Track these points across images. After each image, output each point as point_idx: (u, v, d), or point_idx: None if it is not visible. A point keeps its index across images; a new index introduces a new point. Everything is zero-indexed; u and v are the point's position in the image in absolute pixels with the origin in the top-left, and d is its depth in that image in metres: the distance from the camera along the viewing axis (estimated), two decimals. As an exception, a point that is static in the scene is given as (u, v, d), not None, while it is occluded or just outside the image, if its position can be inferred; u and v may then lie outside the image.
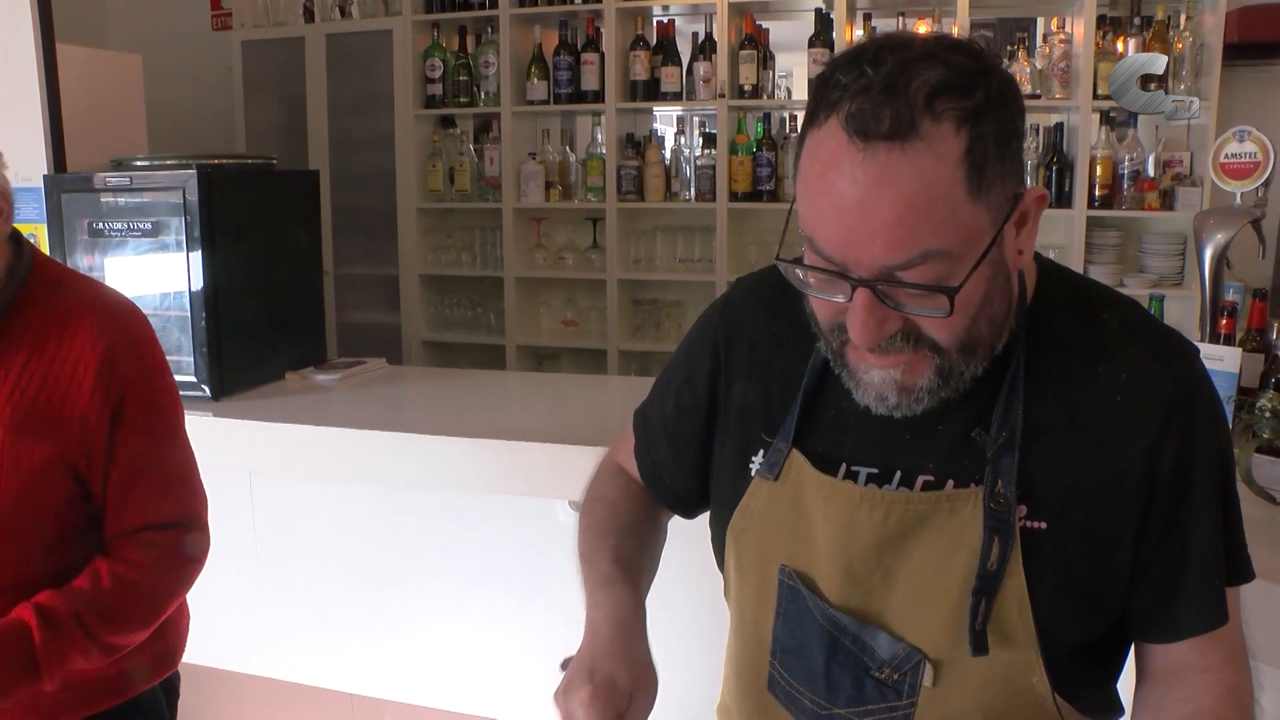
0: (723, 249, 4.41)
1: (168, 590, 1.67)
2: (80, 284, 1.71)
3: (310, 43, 4.95)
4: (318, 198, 3.17)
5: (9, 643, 1.50)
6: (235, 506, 2.85)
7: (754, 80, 4.37)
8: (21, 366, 1.59)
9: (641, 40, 4.51)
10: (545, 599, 2.58)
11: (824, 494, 1.15)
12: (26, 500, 1.57)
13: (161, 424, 1.68)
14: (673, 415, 1.36)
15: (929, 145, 0.95)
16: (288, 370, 2.96)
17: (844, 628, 1.14)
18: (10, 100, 2.96)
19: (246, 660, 2.98)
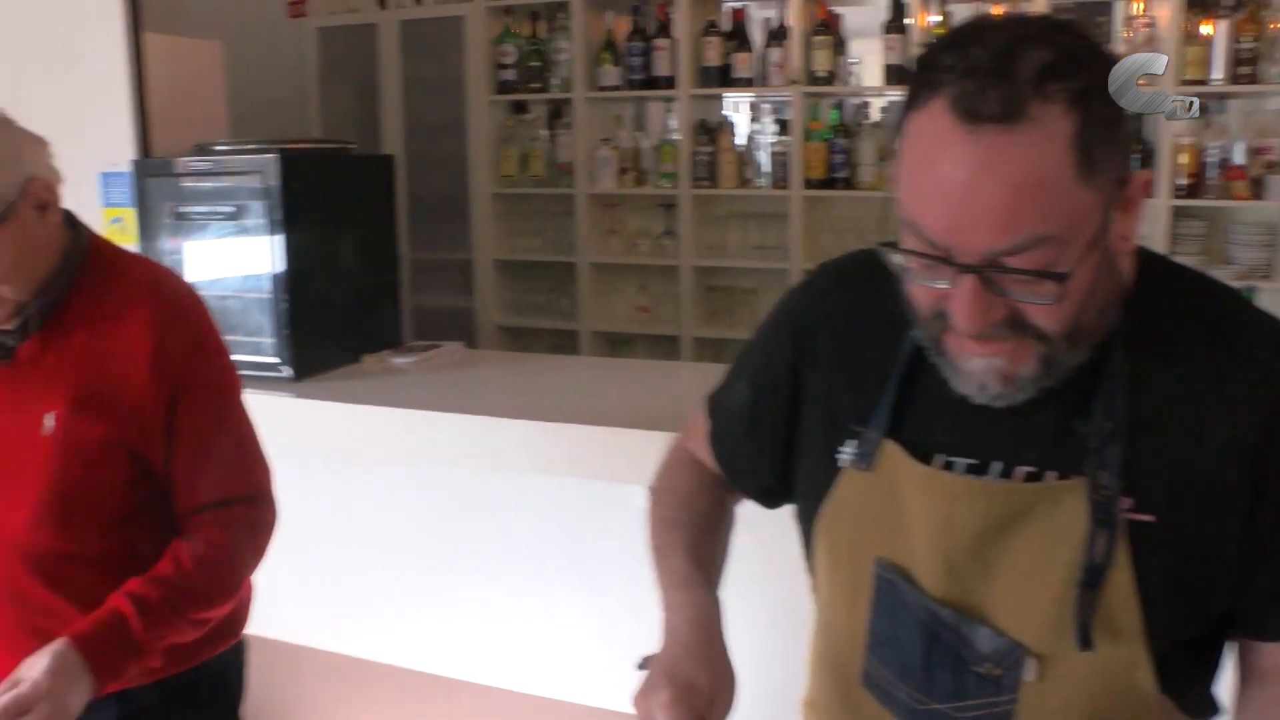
0: (797, 236, 4.38)
1: (244, 562, 1.74)
2: (136, 266, 1.76)
3: (384, 29, 4.98)
4: (394, 182, 3.19)
5: (113, 632, 1.56)
6: (313, 486, 2.88)
7: (828, 66, 4.32)
8: (80, 348, 1.64)
9: (714, 26, 4.48)
10: (621, 584, 2.57)
11: (921, 484, 1.13)
12: (90, 478, 1.63)
13: (221, 402, 1.73)
14: (750, 403, 1.34)
15: (1038, 127, 0.93)
16: (365, 353, 2.99)
17: (943, 621, 1.12)
18: (100, 88, 3.02)
19: (323, 637, 3.02)
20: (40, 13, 3.09)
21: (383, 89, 4.98)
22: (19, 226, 1.57)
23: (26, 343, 1.64)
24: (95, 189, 3.08)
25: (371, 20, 5.02)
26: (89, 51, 3.03)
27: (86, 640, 1.53)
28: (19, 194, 1.57)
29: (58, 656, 1.49)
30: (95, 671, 1.52)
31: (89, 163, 3.05)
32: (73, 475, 1.62)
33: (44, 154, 1.64)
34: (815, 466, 1.24)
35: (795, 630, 1.41)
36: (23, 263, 1.59)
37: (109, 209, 3.07)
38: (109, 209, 3.07)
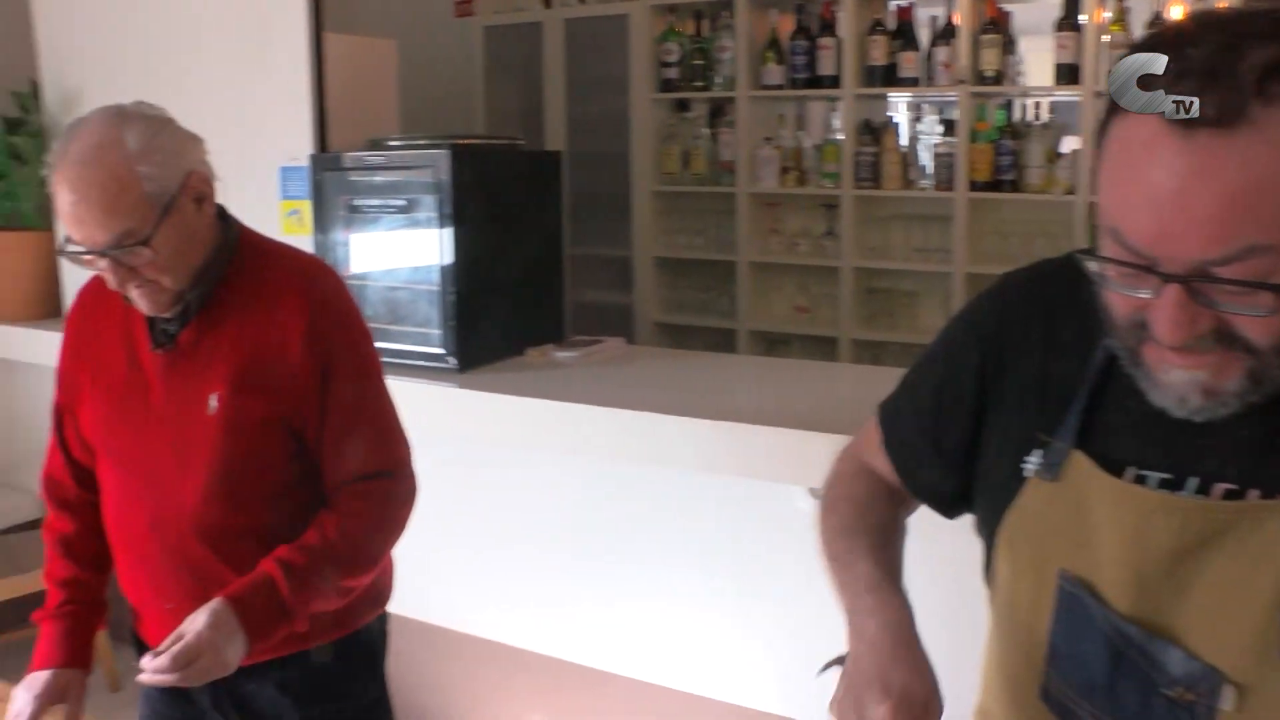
0: (960, 239, 4.28)
1: (385, 534, 1.83)
2: (284, 254, 1.85)
3: (549, 27, 5.04)
4: (561, 178, 3.22)
5: (263, 594, 1.66)
6: (476, 474, 2.94)
7: (996, 66, 4.21)
8: (236, 333, 1.73)
9: (879, 25, 4.41)
10: (776, 585, 2.56)
11: (1112, 498, 1.09)
12: (253, 453, 1.73)
13: (366, 381, 1.81)
14: (932, 410, 1.31)
15: (1259, 132, 0.87)
16: (528, 346, 3.03)
17: (1131, 639, 1.08)
18: (283, 86, 3.13)
19: (477, 622, 3.08)
20: (232, 17, 3.21)
21: (546, 86, 5.04)
22: (179, 218, 1.66)
23: (186, 330, 1.74)
24: (274, 182, 3.19)
25: (537, 19, 5.09)
26: (274, 52, 3.14)
27: (240, 601, 1.64)
28: (180, 187, 1.66)
29: (215, 614, 1.60)
30: (248, 629, 1.62)
31: (269, 157, 3.16)
32: (238, 452, 1.72)
33: (201, 150, 1.74)
34: (999, 475, 1.21)
35: (967, 638, 1.37)
36: (182, 253, 1.68)
37: (286, 201, 3.18)
38: (286, 201, 3.18)
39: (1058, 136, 4.27)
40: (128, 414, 1.78)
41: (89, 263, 1.66)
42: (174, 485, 1.74)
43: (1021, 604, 1.20)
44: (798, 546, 2.48)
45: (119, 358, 1.79)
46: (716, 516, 2.63)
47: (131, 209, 1.60)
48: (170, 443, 1.74)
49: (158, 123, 1.68)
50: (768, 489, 2.50)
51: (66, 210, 1.61)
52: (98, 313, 1.85)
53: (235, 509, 1.73)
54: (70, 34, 3.65)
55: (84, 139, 1.62)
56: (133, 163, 1.61)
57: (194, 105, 3.22)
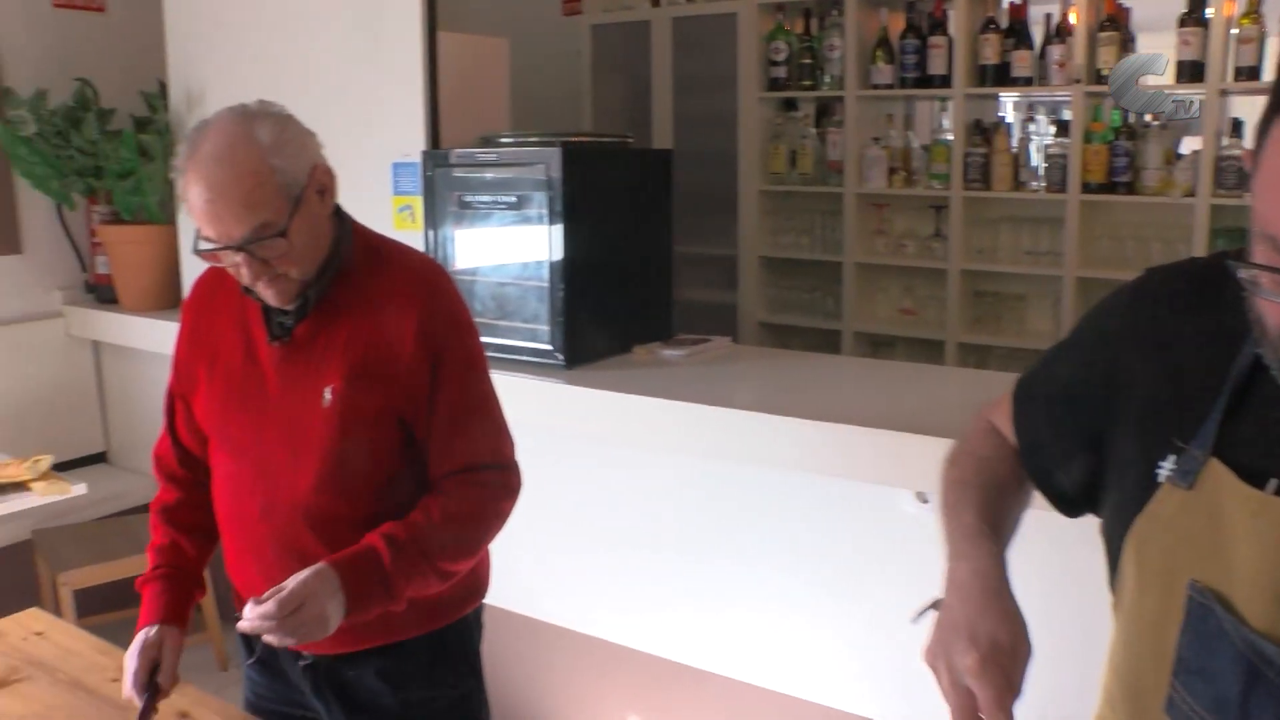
0: (1073, 242, 4.18)
1: (488, 524, 1.85)
2: (395, 251, 1.89)
3: (656, 26, 5.05)
4: (671, 177, 3.23)
5: (366, 564, 1.70)
6: (579, 469, 2.96)
7: (1113, 64, 4.09)
8: (351, 327, 1.77)
9: (992, 23, 4.34)
10: (878, 589, 2.54)
11: (1251, 510, 1.06)
12: (365, 444, 1.77)
13: (474, 376, 1.84)
14: (1061, 400, 1.29)
15: None
16: (635, 344, 3.04)
17: (1268, 658, 1.04)
18: (397, 84, 3.18)
19: (577, 618, 3.10)
20: (349, 16, 3.27)
21: (654, 85, 5.05)
22: (307, 209, 1.71)
23: (303, 324, 1.78)
24: (387, 178, 3.24)
25: (644, 17, 5.10)
26: (389, 50, 3.19)
27: (343, 565, 1.68)
28: (307, 179, 1.71)
29: (318, 572, 1.65)
30: (348, 594, 1.66)
31: (382, 153, 3.21)
32: (350, 443, 1.76)
33: (319, 145, 1.78)
34: (1129, 478, 1.18)
35: (1086, 644, 1.35)
36: (310, 244, 1.73)
37: (398, 197, 3.23)
38: (398, 197, 3.23)
39: (1177, 137, 4.15)
40: (243, 404, 1.82)
41: (224, 258, 1.70)
42: (286, 475, 1.78)
43: (1148, 613, 1.17)
44: (902, 551, 2.47)
45: (236, 349, 1.84)
46: (820, 518, 2.61)
47: (266, 201, 1.65)
48: (284, 433, 1.78)
49: (283, 118, 1.73)
50: (873, 492, 2.48)
51: (201, 208, 1.65)
52: (215, 304, 1.90)
53: (344, 499, 1.77)
54: (196, 36, 3.75)
55: (215, 138, 1.66)
56: (266, 156, 1.65)
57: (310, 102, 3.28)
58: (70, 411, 4.32)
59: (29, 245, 4.16)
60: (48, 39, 4.10)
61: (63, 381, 4.29)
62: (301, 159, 1.71)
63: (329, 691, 1.90)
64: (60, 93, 3.98)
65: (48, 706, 1.82)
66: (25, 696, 1.86)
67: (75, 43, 4.17)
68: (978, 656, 1.08)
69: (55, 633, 2.11)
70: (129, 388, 4.36)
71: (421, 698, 1.92)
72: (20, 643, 2.06)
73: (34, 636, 2.09)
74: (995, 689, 1.07)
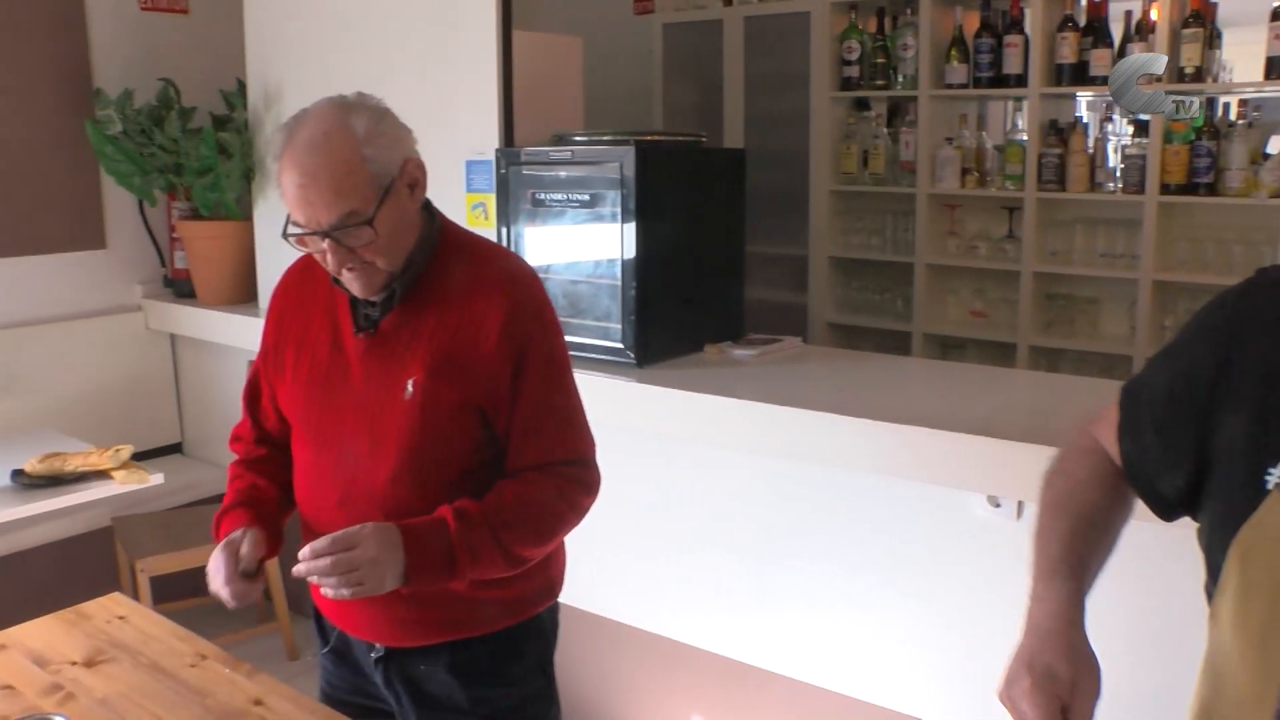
0: (1149, 245, 4.10)
1: (561, 514, 1.84)
2: (482, 247, 1.91)
3: (728, 25, 5.05)
4: (744, 176, 3.23)
5: (432, 533, 1.71)
6: (649, 468, 2.96)
7: (1196, 61, 4.01)
8: (436, 319, 1.78)
9: (1070, 21, 4.28)
10: (946, 592, 2.52)
11: None
12: (444, 438, 1.77)
13: (556, 373, 1.85)
14: (1164, 403, 1.27)
15: None
16: (707, 343, 3.04)
17: None
18: (472, 82, 3.21)
19: (644, 616, 3.11)
20: (424, 14, 3.31)
21: (725, 83, 5.05)
22: (396, 201, 1.73)
23: (389, 316, 1.80)
24: (460, 175, 3.27)
25: (716, 16, 5.10)
26: (464, 48, 3.22)
27: (406, 526, 1.70)
28: (399, 171, 1.73)
29: (379, 527, 1.68)
30: (409, 555, 1.68)
31: (456, 151, 3.25)
32: (429, 436, 1.77)
33: (413, 140, 1.81)
34: (1234, 484, 1.16)
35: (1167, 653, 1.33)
36: (397, 236, 1.75)
37: (471, 194, 3.26)
38: (471, 194, 3.26)
39: (1265, 136, 4.05)
40: (326, 393, 1.85)
41: (311, 244, 1.73)
42: (365, 465, 1.80)
43: (1254, 623, 1.15)
44: (972, 554, 2.45)
45: (323, 339, 1.86)
46: (889, 521, 2.59)
47: (356, 190, 1.68)
48: (365, 424, 1.80)
49: (379, 111, 1.76)
50: (944, 495, 2.46)
51: (293, 193, 1.68)
52: (303, 293, 1.93)
53: (422, 491, 1.78)
54: (274, 36, 3.82)
55: (312, 126, 1.70)
56: (359, 146, 1.68)
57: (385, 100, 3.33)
58: (148, 403, 4.42)
59: (113, 241, 4.27)
60: (135, 41, 4.21)
61: (141, 373, 4.39)
62: (394, 152, 1.73)
63: (399, 684, 1.92)
64: (145, 92, 4.08)
65: (130, 687, 1.87)
66: (110, 677, 1.91)
67: (160, 44, 4.27)
68: (1030, 682, 1.10)
69: (136, 617, 2.16)
70: (204, 380, 4.44)
71: (491, 694, 1.92)
72: (105, 625, 2.12)
73: (117, 620, 2.14)
74: (1042, 712, 1.08)
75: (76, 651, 2.00)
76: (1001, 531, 2.39)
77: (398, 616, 1.84)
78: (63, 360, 4.13)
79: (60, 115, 4.02)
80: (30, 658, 1.99)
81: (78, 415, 4.09)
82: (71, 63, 4.05)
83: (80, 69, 4.07)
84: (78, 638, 2.06)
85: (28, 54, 3.94)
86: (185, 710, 1.80)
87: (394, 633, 1.86)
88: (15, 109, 3.92)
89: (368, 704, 1.99)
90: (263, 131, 3.92)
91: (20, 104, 3.93)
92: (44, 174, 4.02)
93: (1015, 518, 2.36)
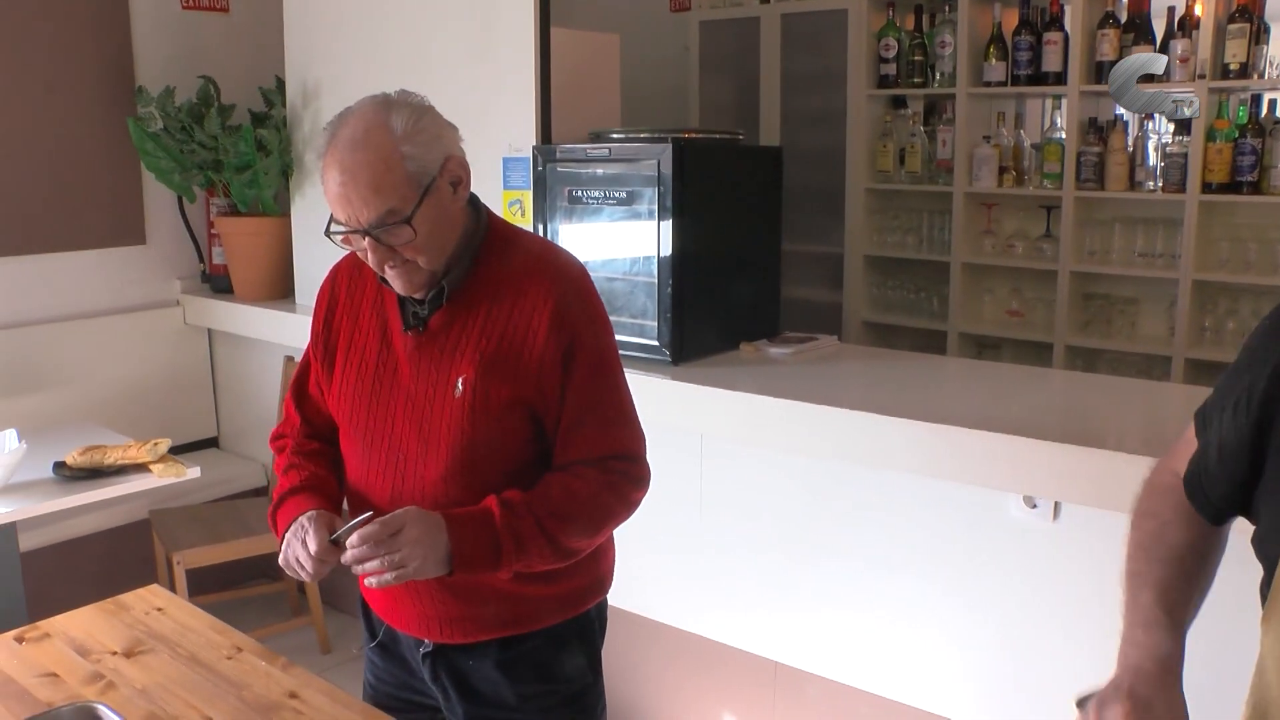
0: (1189, 244, 4.06)
1: (609, 508, 1.84)
2: (529, 242, 1.90)
3: (765, 22, 5.04)
4: (780, 174, 3.22)
5: (478, 522, 1.71)
6: (685, 466, 2.96)
7: (1242, 58, 3.95)
8: (485, 316, 1.77)
9: (1111, 18, 4.24)
10: (982, 593, 2.50)
11: None
12: (494, 435, 1.77)
13: (605, 368, 1.83)
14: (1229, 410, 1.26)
15: None
16: (742, 341, 3.03)
17: None
18: (509, 79, 3.21)
19: (677, 614, 3.10)
20: (462, 11, 3.32)
21: (762, 81, 5.04)
22: (437, 199, 1.72)
23: (438, 314, 1.79)
24: (497, 172, 3.28)
25: (754, 14, 5.10)
26: (501, 45, 3.23)
27: (451, 515, 1.70)
28: (439, 170, 1.72)
29: (425, 512, 1.69)
30: (454, 541, 1.68)
31: (493, 148, 3.25)
32: (480, 434, 1.76)
33: (458, 137, 1.79)
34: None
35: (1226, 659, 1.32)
36: (438, 234, 1.74)
37: (508, 191, 3.26)
38: (508, 191, 3.26)
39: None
40: (377, 392, 1.84)
41: (352, 242, 1.73)
42: (416, 463, 1.80)
43: None
44: (1008, 555, 2.44)
45: (373, 337, 1.86)
46: (925, 520, 2.58)
47: (394, 188, 1.67)
48: (416, 422, 1.80)
49: (420, 108, 1.75)
50: (980, 495, 2.45)
51: (334, 191, 1.68)
52: (353, 291, 1.92)
53: (472, 488, 1.77)
54: (313, 33, 3.85)
55: (353, 124, 1.69)
56: (398, 143, 1.67)
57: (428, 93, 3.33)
58: (185, 397, 4.46)
59: (152, 237, 4.31)
60: (176, 39, 4.25)
61: (179, 368, 4.43)
62: (434, 149, 1.72)
63: (447, 679, 1.91)
64: (186, 90, 4.12)
65: (168, 679, 1.89)
66: (148, 668, 1.93)
67: (201, 42, 4.31)
68: (1128, 707, 1.11)
69: (174, 609, 2.18)
70: (240, 375, 4.48)
71: (539, 691, 1.92)
72: (143, 616, 2.14)
73: (155, 612, 2.16)
74: None
75: (116, 642, 2.03)
76: (1038, 532, 2.38)
77: (448, 614, 1.84)
78: (103, 354, 4.18)
79: (103, 113, 4.06)
80: (72, 647, 2.01)
81: (117, 408, 4.14)
82: (114, 61, 4.09)
83: (123, 67, 4.11)
84: (117, 628, 2.09)
85: (72, 52, 3.98)
86: (223, 702, 1.82)
87: (443, 629, 1.87)
88: (60, 107, 3.97)
89: (414, 699, 1.99)
90: (301, 128, 3.95)
91: (64, 102, 3.98)
92: (86, 171, 4.07)
93: (1051, 519, 2.35)
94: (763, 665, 2.95)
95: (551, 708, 1.94)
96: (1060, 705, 2.37)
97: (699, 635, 3.07)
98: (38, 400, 3.98)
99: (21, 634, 2.07)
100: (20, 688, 1.86)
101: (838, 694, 2.81)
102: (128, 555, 4.01)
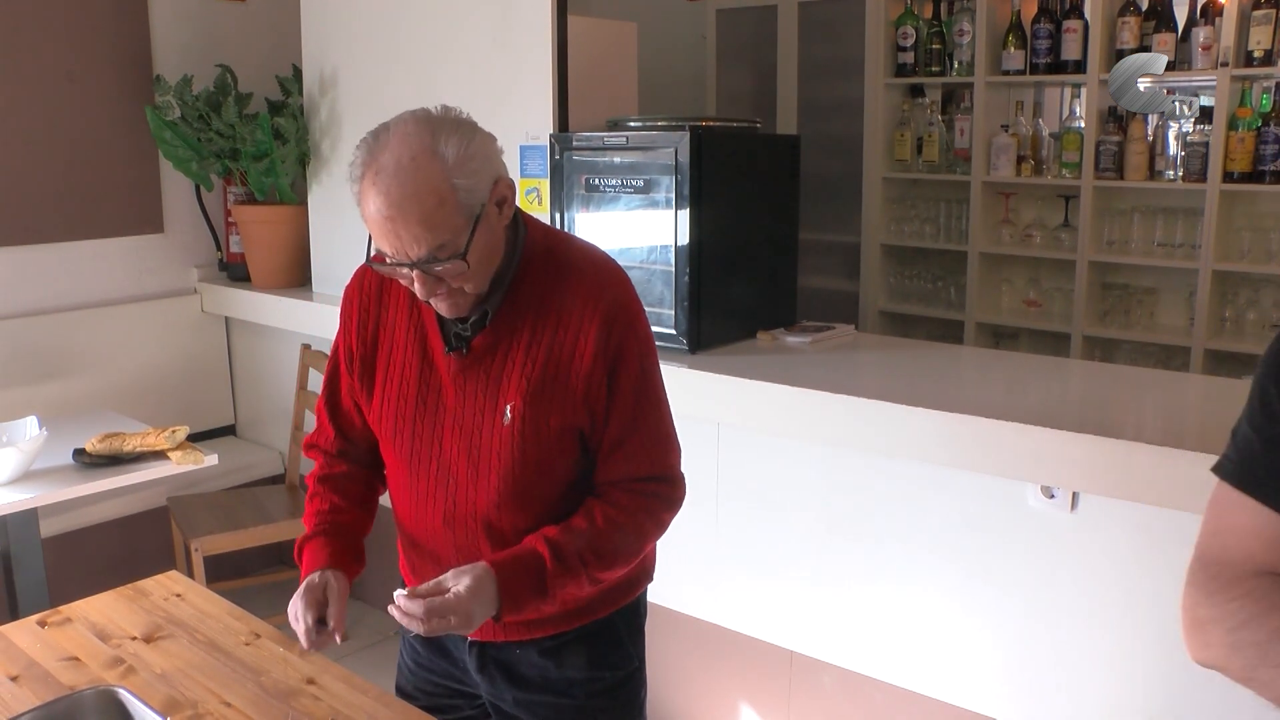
0: (1209, 234, 4.04)
1: (647, 532, 1.83)
2: (575, 253, 1.81)
3: (783, 10, 5.03)
4: (798, 162, 3.21)
5: (528, 568, 1.69)
6: (702, 455, 2.96)
7: (1267, 45, 3.90)
8: (530, 337, 1.72)
9: (1132, 5, 4.21)
10: (999, 583, 2.49)
11: None
12: (545, 460, 1.74)
13: (649, 388, 1.80)
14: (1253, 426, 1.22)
15: None
16: (760, 329, 3.03)
17: None
18: (527, 67, 3.21)
19: (693, 603, 3.10)
20: None
21: (779, 70, 5.03)
22: (486, 226, 1.63)
23: (481, 335, 1.73)
24: (514, 160, 3.27)
25: (771, 2, 5.08)
26: (518, 33, 3.22)
27: (504, 570, 1.67)
28: (488, 196, 1.62)
29: (478, 579, 1.64)
30: (503, 597, 1.65)
31: (510, 136, 3.24)
32: (530, 459, 1.73)
33: (499, 151, 1.67)
34: None
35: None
36: (486, 260, 1.66)
37: (526, 179, 3.26)
38: (526, 179, 3.26)
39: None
40: (422, 413, 1.79)
41: (399, 275, 1.65)
42: (467, 487, 1.77)
43: None
44: (1025, 545, 2.43)
45: (412, 354, 1.80)
46: (942, 510, 2.57)
47: (446, 221, 1.57)
48: (464, 447, 1.76)
49: (468, 130, 1.62)
50: (998, 485, 2.44)
51: (379, 224, 1.57)
52: (385, 301, 1.84)
53: (523, 511, 1.76)
54: (330, 21, 3.85)
55: (397, 148, 1.56)
56: (450, 175, 1.56)
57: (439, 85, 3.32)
58: (203, 385, 4.47)
59: (170, 225, 4.32)
60: (194, 27, 4.26)
61: (196, 356, 4.44)
62: (485, 175, 1.61)
63: (494, 667, 1.90)
64: (203, 79, 4.12)
65: (187, 664, 1.90)
66: (168, 653, 1.94)
67: (218, 30, 4.32)
68: None
69: (192, 595, 2.19)
70: (258, 363, 4.49)
71: (585, 677, 1.91)
72: (162, 602, 2.15)
73: (174, 598, 2.17)
74: None
75: (136, 627, 2.04)
76: (1056, 522, 2.37)
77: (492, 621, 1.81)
78: (121, 342, 4.19)
79: (121, 101, 4.07)
80: (93, 631, 2.02)
81: (135, 396, 4.16)
82: (133, 49, 4.10)
83: (141, 56, 4.12)
84: (137, 613, 2.10)
85: (91, 41, 3.99)
86: (241, 687, 1.82)
87: (495, 631, 1.86)
88: (79, 95, 3.98)
89: (454, 687, 1.98)
90: (318, 117, 3.95)
91: (83, 90, 3.99)
92: (105, 159, 4.08)
93: (1069, 509, 2.34)
94: (779, 654, 2.95)
95: (598, 693, 1.92)
96: (1075, 694, 2.37)
97: (715, 624, 3.07)
98: (57, 387, 4.00)
99: (44, 618, 2.08)
100: (44, 670, 1.87)
101: (853, 683, 2.81)
102: (146, 542, 4.04)
